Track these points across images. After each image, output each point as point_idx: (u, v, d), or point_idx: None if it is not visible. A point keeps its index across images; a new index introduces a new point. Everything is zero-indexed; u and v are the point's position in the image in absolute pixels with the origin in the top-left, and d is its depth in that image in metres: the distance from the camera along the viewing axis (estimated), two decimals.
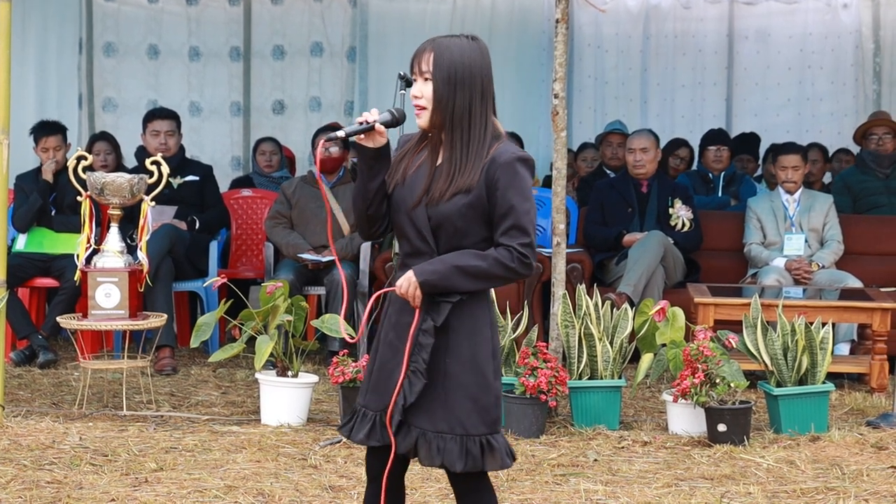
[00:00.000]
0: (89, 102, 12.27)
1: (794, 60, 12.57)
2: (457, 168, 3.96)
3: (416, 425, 4.00)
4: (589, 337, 7.31)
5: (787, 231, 9.62)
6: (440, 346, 3.99)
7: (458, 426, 3.98)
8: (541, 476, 6.19)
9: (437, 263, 3.95)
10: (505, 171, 3.94)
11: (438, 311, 3.98)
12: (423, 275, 3.94)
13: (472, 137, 3.98)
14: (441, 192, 3.95)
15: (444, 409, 3.99)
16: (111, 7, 12.29)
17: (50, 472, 6.11)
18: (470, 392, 3.99)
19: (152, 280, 8.12)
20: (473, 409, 3.99)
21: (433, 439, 3.98)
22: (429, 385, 3.99)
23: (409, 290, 3.97)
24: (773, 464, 6.44)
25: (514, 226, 3.94)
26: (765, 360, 7.26)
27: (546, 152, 12.07)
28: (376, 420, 4.05)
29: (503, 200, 3.94)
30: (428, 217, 3.97)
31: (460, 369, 3.99)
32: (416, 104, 4.01)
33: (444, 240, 3.98)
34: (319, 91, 12.35)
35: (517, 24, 12.64)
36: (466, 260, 3.94)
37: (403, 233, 4.04)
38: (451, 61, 3.96)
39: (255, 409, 7.51)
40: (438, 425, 3.98)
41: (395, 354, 4.03)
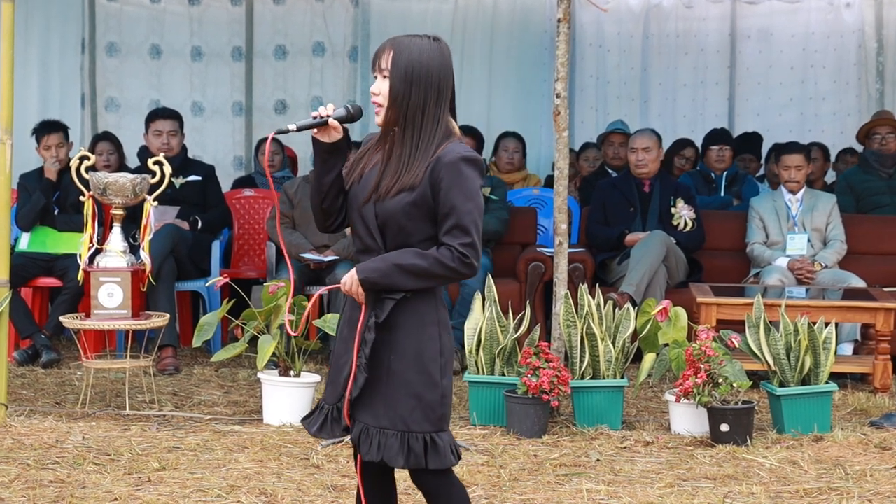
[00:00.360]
0: (92, 102, 12.29)
1: (797, 60, 12.57)
2: (404, 166, 3.98)
3: (360, 420, 4.04)
4: (591, 337, 7.31)
5: (790, 231, 9.61)
6: (385, 343, 4.01)
7: (400, 423, 4.00)
8: (543, 476, 6.19)
9: (379, 261, 3.98)
10: (449, 171, 3.95)
11: (382, 308, 4.00)
12: (365, 272, 3.98)
13: (423, 136, 3.99)
14: (387, 189, 3.97)
15: (386, 405, 4.01)
16: (114, 7, 12.31)
17: (53, 472, 6.12)
18: (413, 389, 4.01)
19: (155, 280, 8.12)
20: (417, 407, 4.00)
21: (375, 435, 4.01)
22: (374, 381, 4.02)
23: (353, 288, 4.01)
24: (776, 464, 6.44)
25: (455, 225, 3.95)
26: (767, 359, 7.26)
27: (548, 152, 12.09)
28: (329, 414, 4.11)
29: (446, 200, 3.95)
30: (375, 214, 4.00)
31: (404, 366, 4.01)
32: (374, 101, 4.04)
33: (391, 237, 4.01)
34: (321, 91, 12.36)
35: (519, 23, 12.64)
36: (407, 259, 3.96)
37: (355, 229, 4.09)
38: (409, 60, 3.98)
39: (258, 409, 7.51)
40: (381, 421, 4.01)
41: (346, 350, 4.07)
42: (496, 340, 7.36)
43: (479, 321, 7.39)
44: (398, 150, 4.00)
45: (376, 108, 4.03)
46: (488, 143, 11.30)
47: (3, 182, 7.15)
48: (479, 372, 7.38)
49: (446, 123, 4.04)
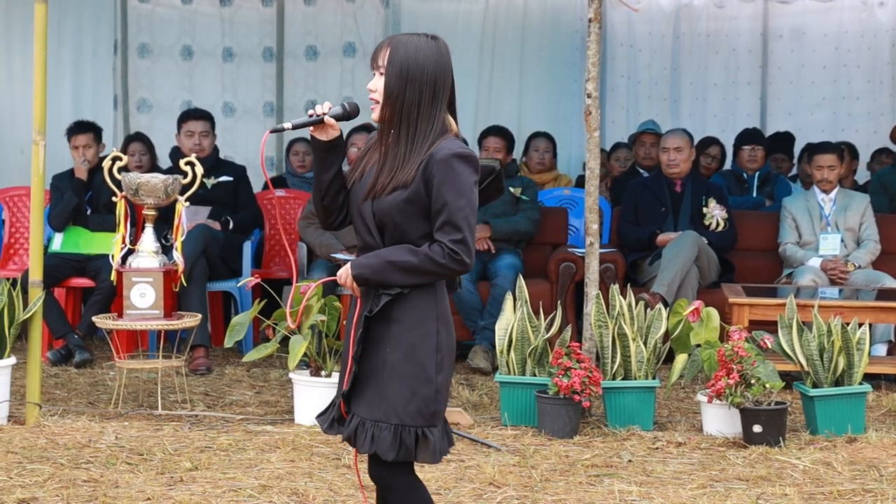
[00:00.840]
0: (124, 103, 12.33)
1: (829, 59, 12.51)
2: (399, 163, 3.99)
3: (357, 413, 4.06)
4: (622, 337, 7.29)
5: (823, 231, 9.57)
6: (383, 337, 4.03)
7: (394, 416, 4.00)
8: (574, 477, 6.18)
9: (372, 257, 4.00)
10: (441, 168, 3.95)
11: (376, 303, 4.01)
12: (358, 268, 4.01)
13: (418, 134, 4.00)
14: (382, 187, 3.99)
15: (381, 398, 4.02)
16: (145, 8, 12.34)
17: (86, 471, 6.14)
18: (408, 383, 4.01)
19: (187, 280, 8.15)
20: (411, 401, 4.01)
21: (370, 427, 4.02)
22: (370, 374, 4.04)
23: (347, 282, 4.04)
24: (809, 465, 6.42)
25: (446, 222, 3.95)
26: (800, 360, 7.23)
27: (579, 152, 12.06)
28: (333, 408, 4.17)
29: (438, 197, 3.95)
30: (373, 212, 4.02)
31: (399, 360, 4.01)
32: (371, 97, 4.07)
33: (388, 235, 4.02)
34: (352, 91, 12.37)
35: (550, 23, 12.63)
36: (399, 255, 3.97)
37: (356, 227, 4.11)
38: (405, 57, 4.00)
39: (289, 409, 7.53)
40: (375, 414, 4.02)
41: (350, 345, 4.10)
42: (527, 341, 7.36)
43: (510, 321, 7.39)
44: (393, 148, 4.02)
45: (372, 104, 4.07)
46: (519, 144, 11.29)
47: (37, 183, 7.18)
48: (510, 372, 7.38)
49: (443, 121, 4.03)
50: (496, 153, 9.78)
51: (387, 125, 4.06)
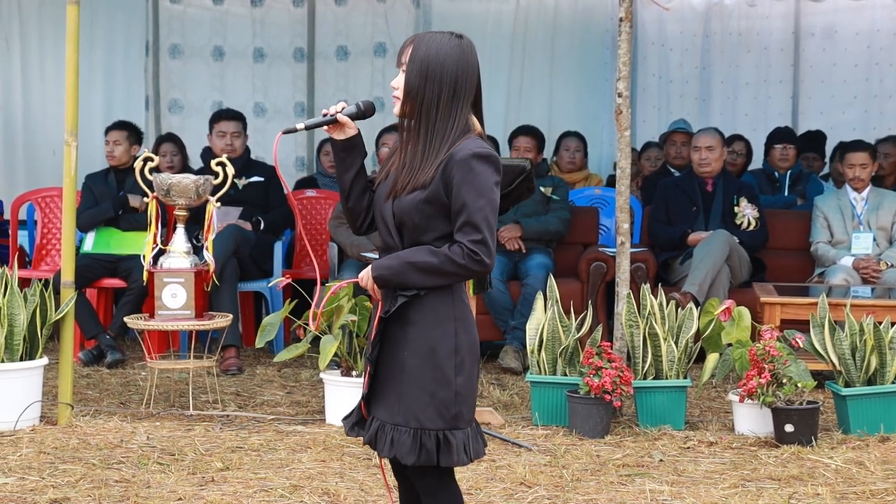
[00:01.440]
0: (156, 104, 12.37)
1: (862, 57, 12.46)
2: (418, 162, 3.98)
3: (377, 417, 4.04)
4: (654, 337, 7.28)
5: (855, 230, 9.53)
6: (399, 340, 4.00)
7: (413, 419, 3.97)
8: (606, 476, 6.17)
9: (393, 259, 3.98)
10: (460, 168, 3.91)
11: (392, 304, 4.00)
12: (378, 269, 3.98)
13: (436, 132, 3.97)
14: (402, 187, 3.98)
15: (401, 401, 3.99)
16: (177, 9, 12.38)
17: (118, 471, 6.16)
18: (426, 386, 3.97)
19: (218, 280, 8.17)
20: (430, 404, 3.97)
21: (389, 431, 3.99)
22: (389, 377, 4.02)
23: (367, 283, 4.03)
24: (841, 465, 6.39)
25: (466, 222, 3.91)
26: (832, 359, 7.20)
27: (610, 151, 12.05)
28: (355, 412, 4.15)
29: (457, 197, 3.92)
30: (393, 213, 4.00)
31: (417, 363, 3.98)
32: (393, 95, 4.06)
33: (407, 235, 4.00)
34: (383, 91, 12.37)
35: (581, 23, 12.62)
36: (419, 256, 3.94)
37: (378, 228, 4.11)
38: (426, 54, 3.97)
39: (320, 409, 7.54)
40: (395, 418, 3.99)
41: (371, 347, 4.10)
42: (558, 340, 7.35)
43: (540, 321, 7.38)
44: (412, 147, 4.01)
45: (394, 101, 4.06)
46: (550, 143, 11.27)
47: (69, 184, 7.21)
48: (541, 372, 7.37)
49: (465, 121, 3.99)
50: (527, 153, 9.77)
51: (407, 123, 4.04)
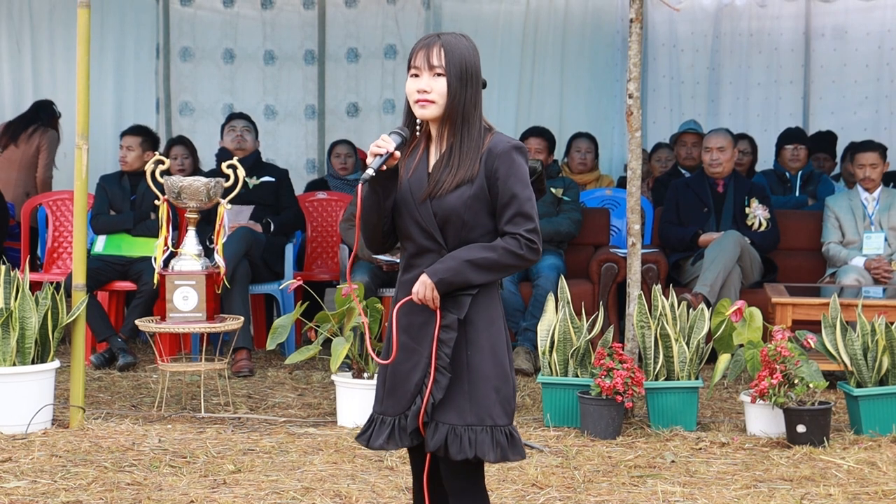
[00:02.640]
0: (166, 107, 12.39)
1: (872, 58, 12.44)
2: (459, 160, 3.99)
3: (444, 421, 4.01)
4: (665, 337, 7.27)
5: (867, 230, 9.52)
6: (461, 340, 4.02)
7: (487, 417, 4.00)
8: (618, 477, 6.16)
9: (449, 261, 3.97)
10: (503, 161, 3.98)
11: (459, 305, 4.00)
12: (437, 274, 3.96)
13: (473, 130, 4.01)
14: (446, 185, 3.98)
15: (471, 401, 4.01)
16: (187, 12, 12.41)
17: (130, 474, 6.17)
18: (493, 383, 4.02)
19: (229, 283, 8.17)
20: (497, 400, 4.02)
21: (463, 433, 3.99)
22: (454, 379, 4.02)
23: (427, 294, 3.98)
24: (853, 465, 6.38)
25: (518, 213, 3.98)
26: (844, 360, 7.19)
27: (620, 152, 12.05)
28: (395, 424, 4.08)
29: (505, 189, 3.97)
30: (434, 213, 3.99)
31: (482, 360, 4.02)
32: (425, 98, 4.01)
33: (452, 234, 4.00)
34: (393, 93, 12.39)
35: (591, 24, 12.62)
36: (476, 253, 3.96)
37: (408, 234, 4.05)
38: (462, 57, 4.00)
39: (332, 411, 7.54)
40: (467, 418, 4.00)
41: (409, 357, 4.05)
42: (569, 342, 7.35)
43: (552, 322, 7.38)
44: (450, 146, 4.02)
45: (424, 104, 4.01)
46: (560, 144, 11.28)
47: (80, 187, 7.22)
48: (552, 373, 7.37)
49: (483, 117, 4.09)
50: (537, 154, 9.77)
51: (441, 124, 4.04)
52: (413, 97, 4.03)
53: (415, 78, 4.03)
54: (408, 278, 4.05)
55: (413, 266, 4.05)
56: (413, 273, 4.04)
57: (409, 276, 4.05)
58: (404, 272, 4.08)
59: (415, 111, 4.03)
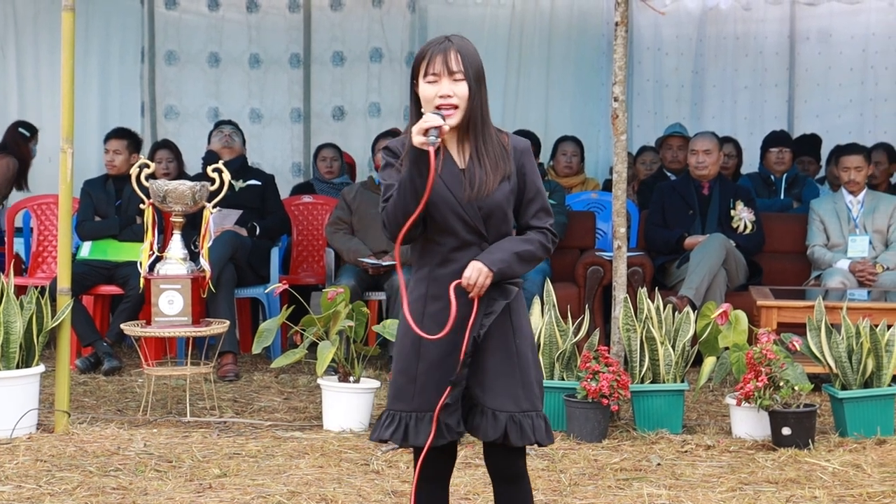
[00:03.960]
0: (151, 111, 12.37)
1: (857, 61, 12.47)
2: (494, 158, 4.11)
3: (501, 409, 4.10)
4: (651, 341, 7.28)
5: (851, 233, 9.54)
6: (508, 328, 4.14)
7: (539, 402, 4.18)
8: (603, 481, 6.17)
9: (499, 252, 4.09)
10: (528, 158, 4.20)
11: (506, 293, 4.13)
12: (494, 264, 4.07)
13: (492, 129, 4.16)
14: (489, 183, 4.08)
15: (524, 388, 4.14)
16: (172, 16, 12.38)
17: (115, 479, 6.16)
18: (534, 370, 4.19)
19: (215, 287, 8.16)
20: (537, 387, 4.19)
21: (521, 419, 4.11)
22: (504, 367, 4.12)
23: (480, 280, 4.06)
24: (838, 467, 6.39)
25: (542, 208, 4.20)
26: (829, 362, 7.21)
27: (606, 156, 12.06)
28: (438, 419, 4.09)
29: (532, 185, 4.18)
30: (479, 208, 4.08)
31: (527, 348, 4.18)
32: (449, 104, 4.07)
33: (494, 228, 4.12)
34: (379, 97, 12.39)
35: (576, 27, 12.62)
36: (520, 246, 4.13)
37: (449, 229, 4.10)
38: (475, 60, 4.12)
39: (318, 415, 7.54)
40: (522, 405, 4.13)
41: (453, 350, 4.08)
42: (555, 345, 7.35)
43: (538, 326, 7.38)
44: (475, 146, 4.12)
45: (449, 109, 4.06)
46: (546, 148, 11.28)
47: (65, 191, 7.21)
48: None
49: None
50: None
51: (465, 127, 4.11)
52: (435, 103, 4.08)
53: (433, 84, 4.07)
54: (446, 272, 4.12)
55: (451, 260, 4.12)
56: (452, 266, 4.11)
57: (446, 270, 4.12)
58: (440, 266, 4.13)
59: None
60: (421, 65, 4.10)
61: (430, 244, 4.14)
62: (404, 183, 4.04)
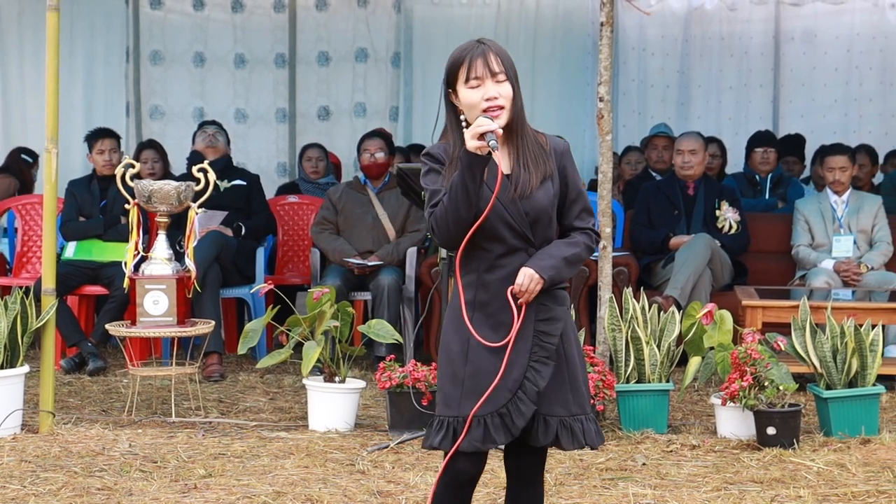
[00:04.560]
0: (136, 111, 12.35)
1: (841, 61, 12.50)
2: (533, 159, 4.11)
3: (552, 414, 4.14)
4: (636, 340, 7.29)
5: (836, 233, 9.56)
6: (553, 333, 4.14)
7: (587, 405, 4.21)
8: (589, 480, 6.17)
9: (549, 258, 4.10)
10: (568, 159, 4.20)
11: (559, 299, 4.17)
12: (545, 271, 4.07)
13: (529, 129, 4.17)
14: (532, 185, 4.07)
15: (574, 392, 4.17)
16: (157, 15, 12.36)
17: (100, 479, 6.15)
18: (583, 373, 4.24)
19: (200, 287, 8.15)
20: (586, 388, 4.23)
21: (572, 423, 4.15)
22: (556, 372, 4.15)
23: (532, 287, 4.06)
24: (823, 467, 6.40)
25: (585, 209, 4.20)
26: (814, 362, 7.22)
27: (591, 155, 12.07)
28: (487, 423, 4.08)
29: (573, 186, 4.17)
30: (525, 213, 4.07)
31: (575, 352, 4.21)
32: (496, 104, 4.06)
33: (540, 232, 4.12)
34: (364, 97, 12.38)
35: (561, 27, 12.64)
36: (568, 250, 4.13)
37: (497, 235, 4.08)
38: (510, 60, 4.12)
39: (303, 415, 7.53)
40: (572, 409, 4.16)
41: (497, 353, 4.07)
42: None
43: None
44: (517, 147, 4.12)
45: (496, 111, 4.05)
46: None
47: (49, 191, 7.19)
48: None
49: None
50: None
51: (509, 127, 4.11)
52: (481, 107, 4.05)
53: (476, 89, 4.05)
54: (494, 278, 4.10)
55: (499, 266, 4.10)
56: (500, 273, 4.10)
57: (495, 277, 4.10)
58: (487, 272, 4.11)
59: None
60: (460, 71, 4.06)
61: (477, 250, 4.09)
62: (455, 188, 3.99)
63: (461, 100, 4.09)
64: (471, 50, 4.07)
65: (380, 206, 9.42)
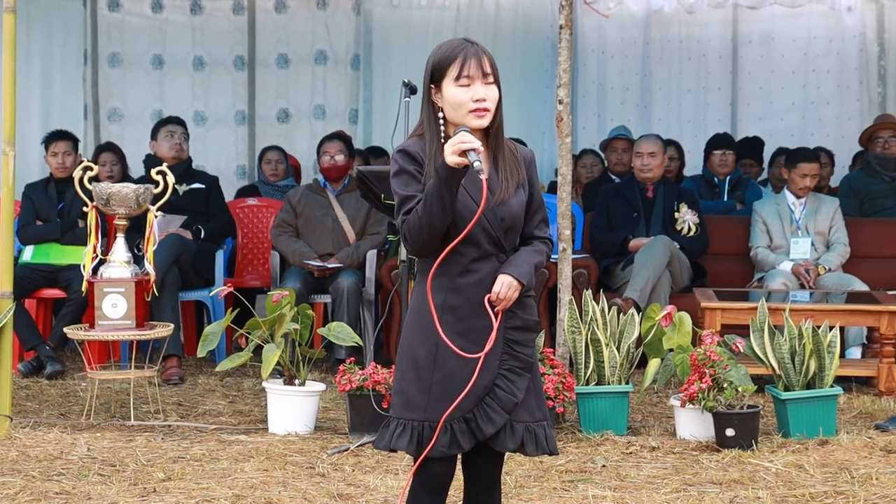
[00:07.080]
0: (94, 113, 12.29)
1: (799, 64, 12.55)
2: (511, 166, 4.11)
3: (519, 420, 4.13)
4: (596, 342, 7.30)
5: (794, 234, 9.61)
6: (520, 341, 4.16)
7: (547, 411, 4.22)
8: (549, 482, 6.18)
9: (523, 264, 4.11)
10: (534, 168, 4.22)
11: (528, 307, 4.18)
12: (522, 277, 4.09)
13: (504, 135, 4.16)
14: (508, 191, 4.07)
15: (537, 398, 4.18)
16: (116, 18, 12.30)
17: (58, 483, 6.12)
18: (540, 379, 4.25)
19: (159, 290, 8.12)
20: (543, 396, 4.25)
21: (536, 429, 4.15)
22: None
23: (510, 294, 4.07)
24: (781, 468, 6.44)
25: (543, 219, 4.20)
26: (772, 364, 7.26)
27: (551, 158, 12.07)
28: (453, 428, 4.07)
29: (537, 195, 4.18)
30: (501, 218, 4.07)
31: (535, 358, 4.21)
32: (483, 106, 4.06)
33: (510, 238, 4.12)
34: (324, 99, 12.36)
35: (521, 30, 12.64)
36: (535, 257, 4.15)
37: (473, 240, 4.05)
38: (495, 63, 4.10)
39: (263, 418, 7.51)
40: (536, 415, 4.16)
41: (467, 361, 4.05)
42: None
43: None
44: (493, 152, 4.12)
45: (481, 113, 4.05)
46: None
47: (7, 194, 7.16)
48: None
49: None
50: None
51: (490, 132, 4.12)
52: (469, 107, 4.04)
53: (466, 88, 4.04)
54: (466, 282, 4.07)
55: (472, 270, 4.08)
56: (472, 277, 4.07)
57: (467, 281, 4.08)
58: (460, 276, 4.07)
59: (467, 122, 4.04)
60: (450, 68, 4.03)
61: (451, 254, 4.04)
62: (431, 199, 3.95)
63: (445, 97, 4.06)
64: (464, 48, 4.04)
65: (339, 209, 9.41)
